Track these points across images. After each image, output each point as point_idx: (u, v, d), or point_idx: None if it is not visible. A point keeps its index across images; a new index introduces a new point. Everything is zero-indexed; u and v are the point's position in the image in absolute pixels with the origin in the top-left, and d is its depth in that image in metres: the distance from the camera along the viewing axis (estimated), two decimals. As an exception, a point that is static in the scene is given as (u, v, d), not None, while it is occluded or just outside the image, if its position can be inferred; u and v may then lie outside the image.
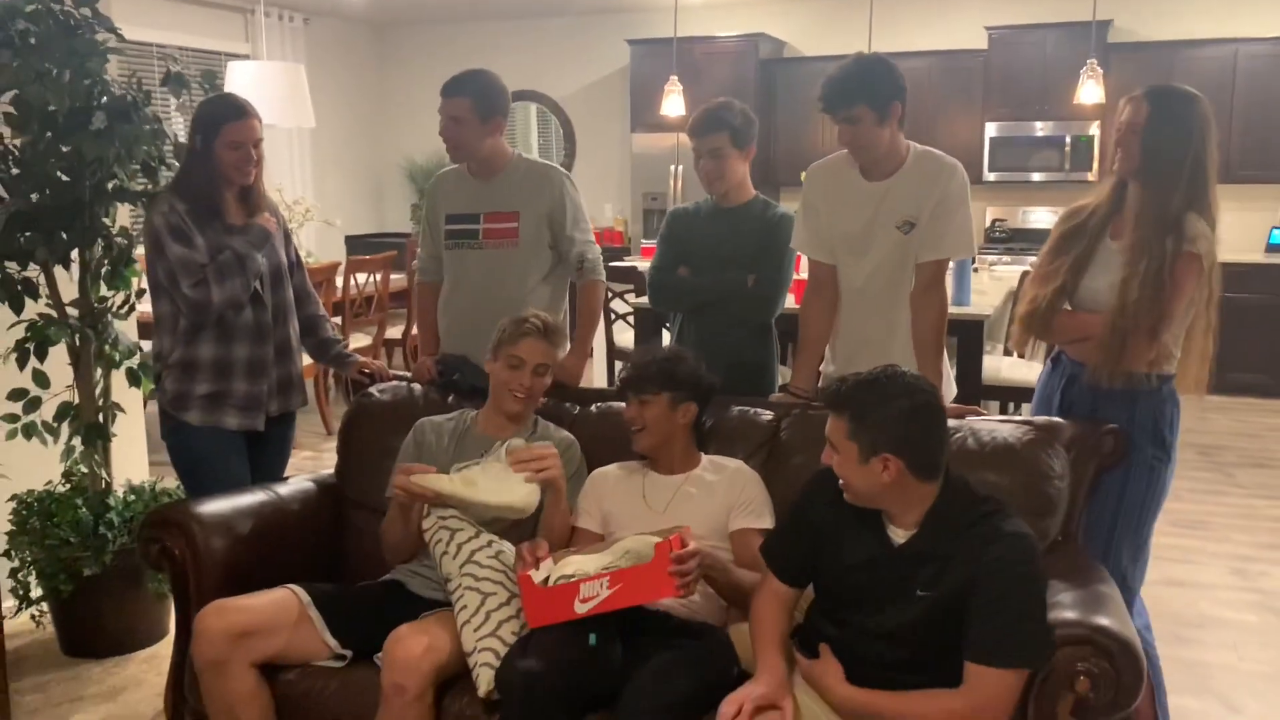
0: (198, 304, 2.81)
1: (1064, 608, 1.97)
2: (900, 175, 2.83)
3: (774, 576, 2.11)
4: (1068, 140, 7.46)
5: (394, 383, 3.10)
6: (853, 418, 1.93)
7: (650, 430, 2.50)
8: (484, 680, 2.16)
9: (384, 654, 2.18)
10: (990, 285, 5.46)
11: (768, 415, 2.76)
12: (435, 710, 2.18)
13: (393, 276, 6.49)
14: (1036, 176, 7.63)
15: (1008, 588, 1.85)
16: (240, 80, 5.47)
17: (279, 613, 2.35)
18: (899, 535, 1.98)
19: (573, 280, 3.24)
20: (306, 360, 3.40)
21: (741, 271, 3.14)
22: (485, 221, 3.13)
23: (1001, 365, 4.97)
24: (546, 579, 2.18)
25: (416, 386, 3.06)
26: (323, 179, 8.59)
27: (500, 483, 2.34)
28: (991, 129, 7.63)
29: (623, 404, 2.64)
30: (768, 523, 2.43)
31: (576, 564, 2.21)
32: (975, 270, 5.17)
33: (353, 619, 2.40)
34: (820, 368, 3.09)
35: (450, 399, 2.98)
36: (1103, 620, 1.92)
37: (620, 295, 5.69)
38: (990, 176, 7.65)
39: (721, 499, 2.46)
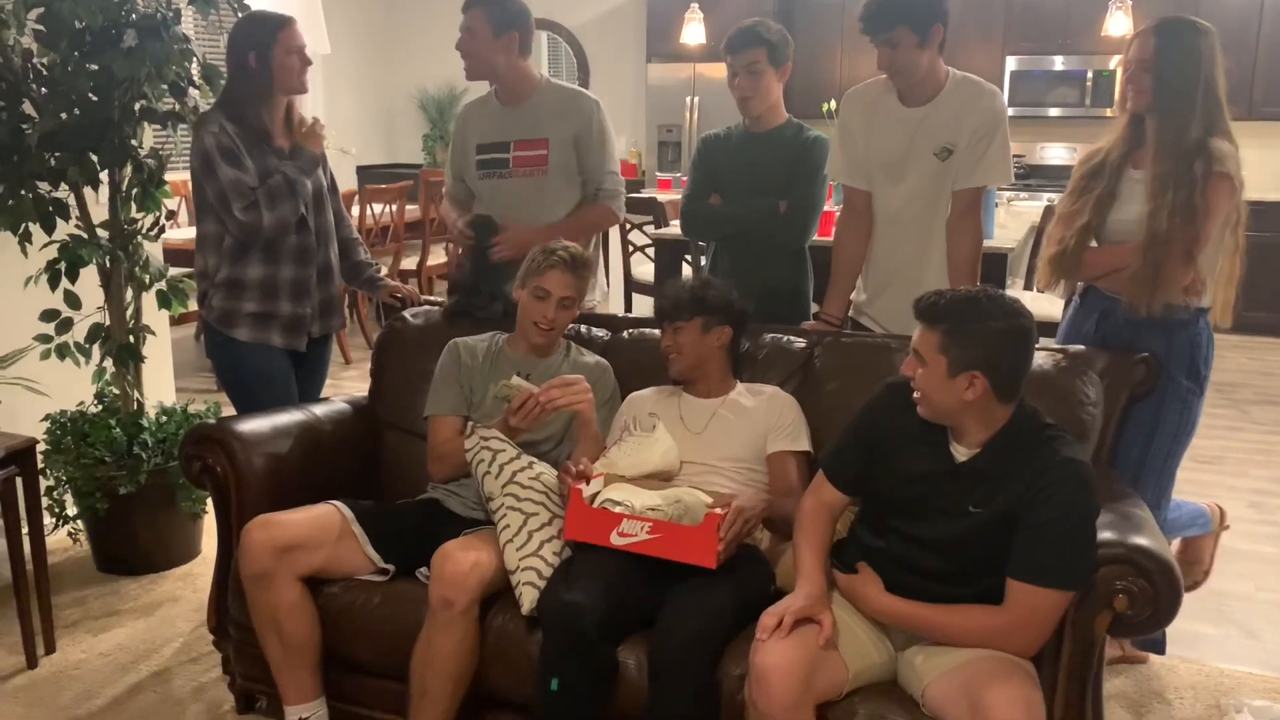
0: (248, 227, 2.82)
1: (1102, 528, 1.98)
2: (939, 101, 2.81)
3: (826, 485, 2.13)
4: (1089, 75, 7.37)
5: (425, 307, 3.11)
6: (948, 332, 1.92)
7: (685, 354, 2.53)
8: (527, 599, 2.20)
9: (433, 569, 2.21)
10: (1009, 220, 5.43)
11: (800, 342, 2.76)
12: (479, 625, 2.22)
13: (408, 207, 6.46)
14: (1055, 112, 7.56)
15: (1061, 512, 1.86)
16: (254, 3, 5.39)
17: (323, 528, 2.39)
18: (961, 454, 1.99)
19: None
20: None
21: (773, 198, 3.12)
22: (515, 150, 3.10)
23: (1023, 300, 4.96)
24: (593, 497, 2.21)
25: (448, 310, 3.08)
26: (334, 107, 8.50)
27: (635, 456, 2.39)
28: (1011, 62, 7.53)
29: (655, 331, 2.64)
30: (805, 445, 2.46)
31: (626, 493, 2.23)
32: (995, 205, 5.16)
33: (394, 535, 2.44)
34: (851, 296, 3.09)
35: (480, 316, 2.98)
36: (1141, 540, 1.94)
37: (639, 227, 5.66)
38: (1009, 111, 7.55)
39: (760, 423, 2.48)
